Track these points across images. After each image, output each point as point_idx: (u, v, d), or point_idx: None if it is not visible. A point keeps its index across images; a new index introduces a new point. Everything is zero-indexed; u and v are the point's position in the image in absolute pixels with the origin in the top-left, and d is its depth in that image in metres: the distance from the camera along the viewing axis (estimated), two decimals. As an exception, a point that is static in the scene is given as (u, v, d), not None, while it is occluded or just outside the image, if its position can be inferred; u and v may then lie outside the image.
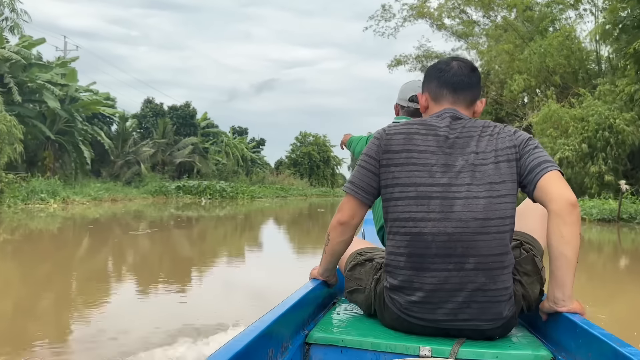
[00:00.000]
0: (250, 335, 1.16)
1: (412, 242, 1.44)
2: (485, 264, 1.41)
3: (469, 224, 1.41)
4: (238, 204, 26.06)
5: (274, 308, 1.39)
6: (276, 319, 1.31)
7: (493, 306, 1.43)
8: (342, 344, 1.48)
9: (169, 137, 35.67)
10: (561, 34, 20.76)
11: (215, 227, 13.24)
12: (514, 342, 1.49)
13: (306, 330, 1.57)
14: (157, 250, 8.32)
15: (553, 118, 19.33)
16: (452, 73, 1.59)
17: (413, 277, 1.45)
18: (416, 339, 1.47)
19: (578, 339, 1.33)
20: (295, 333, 1.51)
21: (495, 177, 1.44)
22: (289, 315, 1.42)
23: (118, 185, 25.84)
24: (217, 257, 7.95)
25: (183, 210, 19.29)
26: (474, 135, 1.49)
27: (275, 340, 1.32)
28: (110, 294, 4.91)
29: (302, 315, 1.58)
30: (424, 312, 1.46)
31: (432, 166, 1.46)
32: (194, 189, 28.96)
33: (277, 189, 41.75)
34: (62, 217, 13.96)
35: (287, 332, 1.44)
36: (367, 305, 1.66)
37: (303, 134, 66.52)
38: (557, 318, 1.47)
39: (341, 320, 1.69)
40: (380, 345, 1.45)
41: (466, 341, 1.45)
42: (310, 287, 1.69)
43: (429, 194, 1.44)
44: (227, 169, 43.03)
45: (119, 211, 16.47)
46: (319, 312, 1.77)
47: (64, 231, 11.06)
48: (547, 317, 1.52)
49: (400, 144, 1.50)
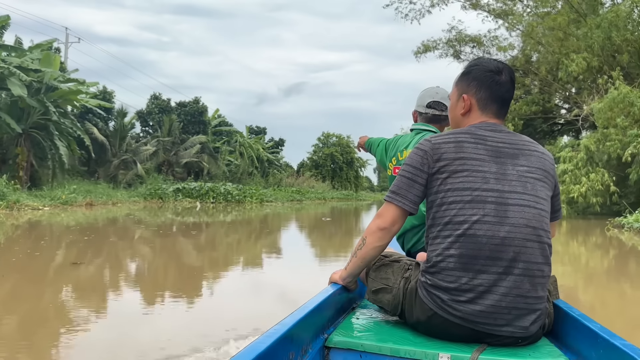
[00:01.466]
0: (271, 337, 1.17)
1: (465, 244, 1.46)
2: (531, 271, 1.46)
3: (521, 230, 1.46)
4: (244, 209, 22.85)
5: (295, 311, 1.40)
6: (297, 322, 1.32)
7: (529, 314, 1.47)
8: (361, 349, 1.49)
9: (175, 135, 32.68)
10: (632, 1, 16.79)
11: (185, 246, 9.87)
12: (534, 352, 1.48)
13: (326, 334, 1.57)
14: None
15: (622, 104, 15.42)
16: (505, 89, 1.63)
17: (463, 278, 1.46)
18: (436, 344, 1.48)
19: (599, 349, 1.34)
20: (315, 337, 1.52)
21: (541, 193, 1.54)
22: (309, 319, 1.43)
23: (103, 187, 22.80)
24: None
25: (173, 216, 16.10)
26: (522, 149, 1.56)
27: (295, 343, 1.33)
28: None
29: (322, 319, 1.59)
30: (467, 312, 1.45)
31: (486, 173, 1.50)
32: (195, 191, 25.82)
33: (292, 192, 38.43)
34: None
35: (308, 336, 1.45)
36: (394, 305, 1.64)
37: (326, 134, 63.33)
38: (578, 328, 1.49)
39: (360, 325, 1.68)
40: (400, 350, 1.46)
41: (487, 348, 1.45)
42: (330, 291, 1.68)
43: (484, 198, 1.48)
44: (241, 170, 39.93)
45: (77, 220, 13.26)
46: (338, 317, 1.76)
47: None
48: (568, 328, 1.56)
49: (452, 152, 1.53)
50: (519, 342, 1.49)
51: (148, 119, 34.39)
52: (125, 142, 27.82)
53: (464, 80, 1.66)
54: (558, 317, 1.62)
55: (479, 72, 1.63)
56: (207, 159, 34.24)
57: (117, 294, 4.94)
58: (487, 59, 1.69)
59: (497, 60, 1.69)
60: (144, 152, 28.37)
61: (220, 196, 26.41)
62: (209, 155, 34.75)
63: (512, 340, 1.48)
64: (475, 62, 1.69)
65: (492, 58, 1.69)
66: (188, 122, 35.60)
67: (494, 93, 1.61)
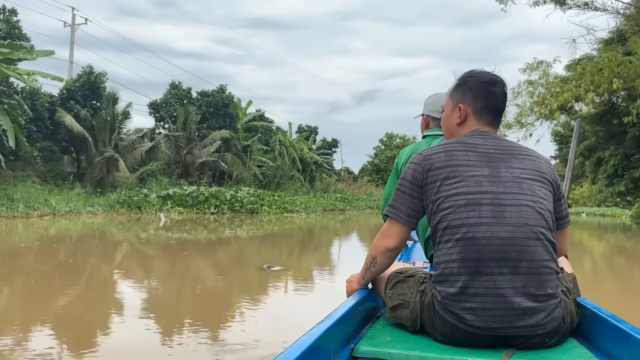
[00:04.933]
0: (299, 349, 1.16)
1: (466, 247, 1.45)
2: (537, 268, 1.44)
3: (521, 229, 1.44)
4: (254, 222, 16.43)
5: (322, 321, 1.38)
6: (323, 333, 1.31)
7: (544, 313, 1.44)
8: (388, 358, 1.46)
9: (190, 130, 26.84)
10: None
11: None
12: (564, 354, 1.45)
13: (352, 344, 1.53)
14: None
15: None
16: (500, 100, 1.66)
17: (468, 282, 1.44)
18: (465, 351, 1.46)
19: (632, 350, 1.31)
20: (342, 347, 1.48)
21: (539, 192, 1.51)
22: (335, 329, 1.40)
23: (69, 193, 17.08)
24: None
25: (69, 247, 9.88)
26: (514, 153, 1.56)
27: (323, 354, 1.31)
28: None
29: (348, 329, 1.56)
30: (479, 319, 1.43)
31: (479, 177, 1.49)
32: (190, 198, 19.64)
33: (336, 199, 31.47)
34: None
35: (334, 346, 1.42)
36: (412, 320, 1.59)
37: (389, 135, 56.35)
38: (607, 328, 1.45)
39: (387, 334, 1.64)
40: (427, 358, 1.43)
41: (516, 352, 1.44)
42: (354, 300, 1.65)
43: (478, 201, 1.46)
44: (280, 174, 33.62)
45: None
46: (364, 326, 1.73)
47: None
48: (600, 329, 1.51)
49: (442, 161, 1.54)
50: (546, 342, 1.46)
51: (161, 110, 28.89)
52: (113, 136, 22.19)
53: (459, 91, 1.69)
54: (584, 315, 1.58)
55: (474, 83, 1.66)
56: (231, 158, 28.14)
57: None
58: (480, 71, 1.70)
59: (491, 73, 1.70)
60: (139, 148, 22.63)
61: (225, 205, 20.05)
62: (234, 155, 28.66)
63: (538, 340, 1.44)
64: (469, 73, 1.70)
65: (485, 70, 1.67)
66: (210, 115, 29.82)
67: (489, 103, 1.64)
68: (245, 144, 31.78)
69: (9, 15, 18.62)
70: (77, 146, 21.85)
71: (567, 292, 1.56)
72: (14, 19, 18.82)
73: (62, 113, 19.87)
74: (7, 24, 18.23)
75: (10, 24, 18.34)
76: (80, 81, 21.83)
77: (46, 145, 22.93)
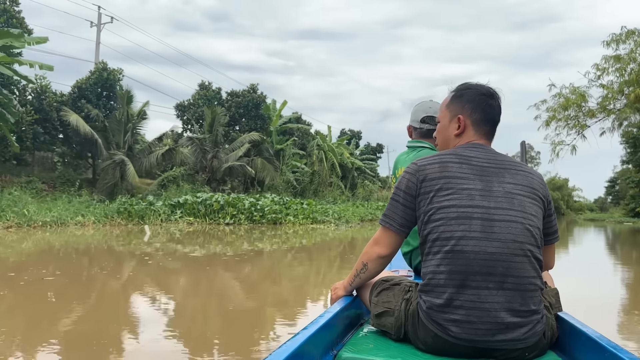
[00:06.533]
0: (282, 355, 1.17)
1: (454, 260, 1.46)
2: (522, 285, 1.45)
3: (509, 245, 1.45)
4: (276, 233, 14.01)
5: (305, 327, 1.39)
6: (307, 339, 1.32)
7: (526, 328, 1.45)
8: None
9: (216, 133, 24.73)
10: None
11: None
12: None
13: (335, 350, 1.55)
14: None
15: None
16: (496, 112, 1.67)
17: (454, 295, 1.45)
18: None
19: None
20: (325, 353, 1.50)
21: (530, 209, 1.52)
22: (319, 335, 1.42)
23: (74, 201, 15.23)
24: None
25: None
26: (508, 168, 1.57)
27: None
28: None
29: (332, 335, 1.58)
30: (463, 331, 1.44)
31: (471, 190, 1.50)
32: (203, 207, 17.36)
33: (377, 207, 28.56)
34: None
35: (317, 352, 1.43)
36: (396, 328, 1.60)
37: (439, 139, 52.60)
38: (584, 341, 1.48)
39: (370, 341, 1.64)
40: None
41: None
42: (338, 307, 1.67)
43: (469, 214, 1.47)
44: (317, 180, 31.13)
45: None
46: (347, 332, 1.74)
47: None
48: (577, 342, 1.54)
49: (436, 171, 1.54)
50: (526, 356, 1.49)
51: (186, 113, 27.01)
52: (126, 138, 20.32)
53: (457, 103, 1.69)
54: (563, 330, 1.61)
55: (472, 95, 1.67)
56: (261, 163, 25.85)
57: None
58: (476, 84, 1.71)
59: (485, 85, 1.70)
60: (155, 152, 20.67)
61: (243, 214, 17.66)
62: (264, 159, 26.36)
63: (518, 354, 1.47)
64: (465, 85, 1.71)
65: (480, 83, 1.68)
66: (240, 117, 27.70)
67: (487, 115, 1.65)
68: (278, 148, 29.49)
69: (9, 5, 17.06)
70: (90, 149, 20.10)
71: (549, 308, 1.58)
72: (15, 9, 17.26)
73: (67, 112, 18.13)
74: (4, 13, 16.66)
75: (8, 13, 16.76)
76: (93, 78, 20.12)
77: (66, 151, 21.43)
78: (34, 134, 18.47)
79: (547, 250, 1.67)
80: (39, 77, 18.97)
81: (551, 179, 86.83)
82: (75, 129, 18.21)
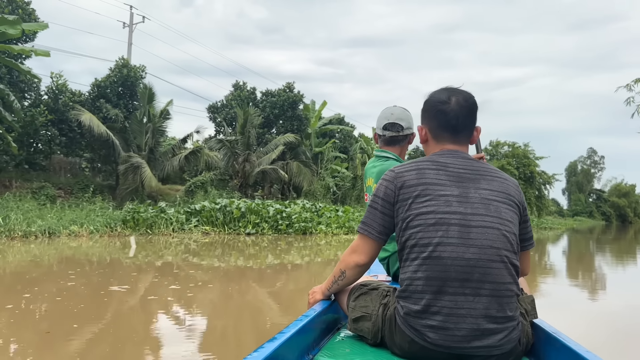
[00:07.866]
0: (257, 359, 1.15)
1: (431, 266, 1.46)
2: (499, 291, 1.46)
3: (486, 251, 1.46)
4: (306, 243, 11.98)
5: (281, 332, 1.37)
6: (283, 343, 1.30)
7: (502, 335, 1.45)
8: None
9: (248, 135, 22.93)
10: None
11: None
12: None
13: (311, 354, 1.54)
14: None
15: None
16: (452, 115, 1.62)
17: (431, 301, 1.45)
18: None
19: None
20: (301, 357, 1.48)
21: (505, 215, 1.53)
22: (295, 339, 1.40)
23: (33, 207, 13.69)
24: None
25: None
26: (484, 174, 1.58)
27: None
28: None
29: (308, 340, 1.56)
30: (439, 337, 1.45)
31: (448, 196, 1.51)
32: (222, 214, 15.45)
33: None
34: None
35: (293, 356, 1.41)
36: (373, 332, 1.61)
37: (495, 143, 48.98)
38: (558, 348, 1.48)
39: (346, 346, 1.64)
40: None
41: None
42: (315, 311, 1.66)
43: (447, 221, 1.48)
44: (360, 186, 28.86)
45: None
46: (324, 337, 1.73)
47: None
48: (550, 348, 1.54)
49: (414, 178, 1.55)
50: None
51: (218, 115, 25.41)
52: (146, 139, 18.79)
53: (421, 113, 1.73)
54: (538, 336, 1.61)
55: (428, 104, 1.68)
56: (297, 167, 23.85)
57: None
58: (438, 90, 1.69)
59: (454, 89, 1.67)
60: (178, 155, 19.05)
61: (267, 223, 15.63)
62: (300, 163, 24.34)
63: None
64: (430, 94, 1.71)
65: (451, 88, 1.66)
66: (275, 117, 25.84)
67: (440, 122, 1.64)
68: (317, 151, 27.46)
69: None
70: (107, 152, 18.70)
71: (525, 314, 1.59)
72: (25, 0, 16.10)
73: (80, 110, 16.76)
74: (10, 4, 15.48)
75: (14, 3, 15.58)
76: (112, 76, 18.77)
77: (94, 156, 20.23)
78: (50, 136, 17.21)
79: (523, 257, 1.68)
80: (55, 75, 17.76)
81: (617, 185, 79.96)
82: (89, 129, 16.80)
